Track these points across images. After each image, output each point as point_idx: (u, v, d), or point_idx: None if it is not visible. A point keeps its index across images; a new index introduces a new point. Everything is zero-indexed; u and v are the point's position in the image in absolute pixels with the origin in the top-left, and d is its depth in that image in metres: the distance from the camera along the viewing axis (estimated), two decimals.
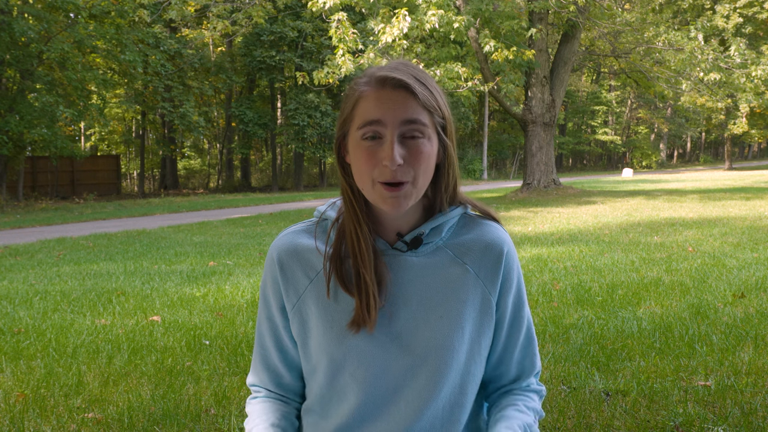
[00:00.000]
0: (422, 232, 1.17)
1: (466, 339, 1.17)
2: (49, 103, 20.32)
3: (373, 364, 1.16)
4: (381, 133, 1.08)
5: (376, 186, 1.10)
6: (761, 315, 4.90)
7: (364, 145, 1.09)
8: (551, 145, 19.97)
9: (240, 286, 6.57)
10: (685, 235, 9.67)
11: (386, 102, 1.08)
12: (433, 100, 1.12)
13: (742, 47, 18.11)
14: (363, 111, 1.10)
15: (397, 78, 1.09)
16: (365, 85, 1.12)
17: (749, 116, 37.26)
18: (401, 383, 1.16)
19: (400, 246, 1.18)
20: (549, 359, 4.00)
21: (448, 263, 1.18)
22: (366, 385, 1.16)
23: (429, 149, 1.11)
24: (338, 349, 1.16)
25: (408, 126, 1.08)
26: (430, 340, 1.15)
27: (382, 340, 1.15)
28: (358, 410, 1.17)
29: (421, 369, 1.15)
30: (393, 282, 1.16)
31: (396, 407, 1.16)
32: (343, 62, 13.55)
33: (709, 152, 66.83)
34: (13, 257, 9.37)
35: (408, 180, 1.09)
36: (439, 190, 1.18)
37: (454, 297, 1.16)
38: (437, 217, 1.18)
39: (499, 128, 45.33)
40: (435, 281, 1.17)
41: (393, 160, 1.06)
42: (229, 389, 3.58)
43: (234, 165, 36.32)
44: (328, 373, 1.18)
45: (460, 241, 1.20)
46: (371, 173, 1.09)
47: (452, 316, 1.15)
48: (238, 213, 17.21)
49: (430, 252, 1.18)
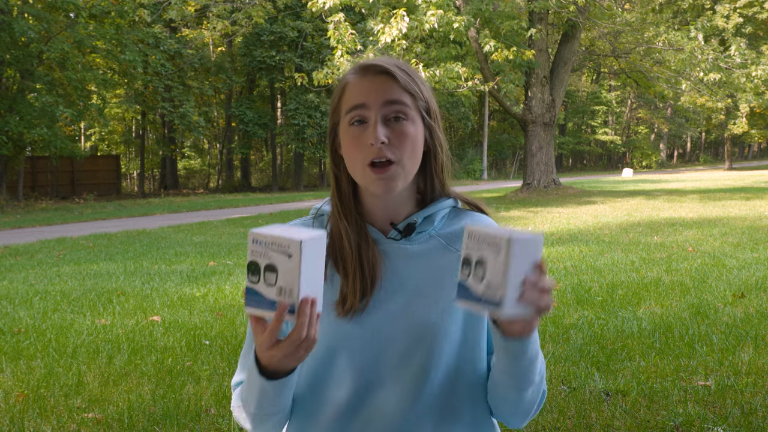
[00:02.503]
0: (415, 220, 1.22)
1: (460, 323, 1.19)
2: (49, 103, 20.31)
3: (368, 349, 1.17)
4: (366, 117, 1.14)
5: (365, 170, 1.14)
6: (761, 315, 4.90)
7: (351, 131, 1.15)
8: (551, 145, 19.97)
9: (240, 286, 6.57)
10: (685, 235, 9.67)
11: (368, 86, 1.14)
12: (415, 85, 1.17)
13: (742, 47, 18.11)
14: (348, 97, 1.16)
15: (379, 64, 1.16)
16: (351, 74, 1.18)
17: (749, 116, 37.23)
18: (396, 367, 1.17)
19: (394, 235, 1.22)
20: (549, 359, 3.99)
21: (441, 251, 1.22)
22: (361, 369, 1.17)
23: (413, 130, 1.15)
24: (334, 334, 1.18)
25: (390, 107, 1.14)
26: (424, 324, 1.17)
27: (377, 325, 1.17)
28: (353, 395, 1.18)
29: (415, 353, 1.17)
30: (388, 269, 1.20)
31: (391, 391, 1.17)
32: (342, 63, 13.55)
33: (709, 152, 66.83)
34: (13, 257, 9.37)
35: (394, 160, 1.13)
36: (429, 177, 1.23)
37: (447, 281, 1.18)
38: (429, 207, 1.23)
39: (499, 128, 45.32)
40: (429, 268, 1.20)
41: (377, 138, 1.11)
42: (229, 389, 3.58)
43: (234, 165, 36.32)
44: (323, 358, 1.19)
45: (451, 230, 1.24)
46: (359, 157, 1.14)
47: (445, 300, 1.18)
48: (238, 213, 17.21)
49: (424, 241, 1.22)
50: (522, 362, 1.10)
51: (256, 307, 0.98)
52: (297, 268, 0.95)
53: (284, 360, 1.03)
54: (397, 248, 1.21)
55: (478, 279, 0.97)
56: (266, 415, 1.15)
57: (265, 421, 1.17)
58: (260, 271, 0.97)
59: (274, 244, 0.96)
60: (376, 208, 1.22)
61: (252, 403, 1.14)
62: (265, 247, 0.96)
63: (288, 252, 0.95)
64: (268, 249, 0.96)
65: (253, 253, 0.97)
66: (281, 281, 0.96)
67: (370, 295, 1.17)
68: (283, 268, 0.96)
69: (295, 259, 0.95)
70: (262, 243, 0.96)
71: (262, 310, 0.98)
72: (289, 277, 0.96)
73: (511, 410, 1.20)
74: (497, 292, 0.95)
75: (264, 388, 1.09)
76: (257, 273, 0.97)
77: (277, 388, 1.09)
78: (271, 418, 1.17)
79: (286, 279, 0.96)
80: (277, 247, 0.96)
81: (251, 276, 0.97)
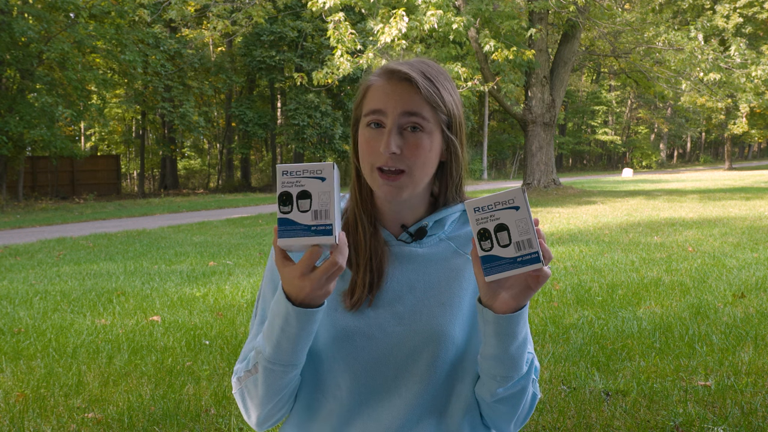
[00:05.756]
0: (426, 224, 1.22)
1: (466, 325, 1.19)
2: (49, 104, 20.29)
3: (373, 348, 1.17)
4: (383, 122, 1.14)
5: (374, 172, 1.15)
6: (761, 315, 4.90)
7: (367, 132, 1.16)
8: (551, 145, 19.97)
9: (240, 286, 6.57)
10: (685, 235, 9.66)
11: (390, 93, 1.14)
12: (439, 97, 1.15)
13: (742, 47, 18.10)
14: (370, 100, 1.17)
15: (403, 71, 1.15)
16: (376, 75, 1.19)
17: (749, 116, 37.22)
18: (402, 367, 1.17)
19: (405, 237, 1.23)
20: (549, 359, 3.99)
21: (451, 255, 1.22)
22: (365, 368, 1.17)
23: (428, 143, 1.15)
24: (340, 328, 1.17)
25: (407, 118, 1.13)
26: (432, 326, 1.17)
27: (384, 325, 1.18)
28: (355, 393, 1.18)
29: (420, 355, 1.17)
30: (398, 270, 1.20)
31: (394, 392, 1.18)
32: (341, 63, 13.55)
33: (709, 152, 66.81)
34: (13, 257, 9.37)
35: (404, 170, 1.14)
36: (444, 184, 1.24)
37: (456, 285, 1.20)
38: (440, 211, 1.23)
39: (499, 128, 45.32)
40: (438, 271, 1.21)
41: (388, 147, 1.12)
42: (229, 389, 3.58)
43: (234, 165, 36.31)
44: (327, 353, 1.19)
45: (461, 233, 1.25)
46: (370, 159, 1.15)
47: (453, 303, 1.19)
48: (238, 213, 17.21)
49: (434, 244, 1.23)
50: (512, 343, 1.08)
51: (291, 236, 0.98)
52: (331, 189, 0.98)
53: (312, 293, 1.02)
54: (407, 251, 1.22)
55: (506, 243, 0.97)
56: (281, 365, 1.09)
57: (276, 379, 1.11)
58: (293, 200, 0.98)
59: (306, 171, 0.99)
60: (387, 210, 1.23)
61: (269, 346, 1.09)
62: (295, 176, 0.99)
63: (321, 175, 0.98)
64: (300, 177, 0.99)
65: (284, 185, 0.98)
66: (315, 205, 0.98)
67: (376, 289, 1.18)
68: (316, 191, 0.98)
69: (329, 181, 0.98)
70: (293, 173, 0.99)
71: (297, 238, 0.98)
72: (323, 199, 0.98)
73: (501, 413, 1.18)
74: (533, 245, 0.96)
75: (288, 317, 1.05)
76: (289, 202, 0.98)
77: (302, 319, 1.05)
78: (282, 375, 1.11)
79: (321, 201, 0.98)
80: (309, 173, 0.98)
81: (283, 207, 0.98)
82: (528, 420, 1.26)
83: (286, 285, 1.04)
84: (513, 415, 1.18)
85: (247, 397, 1.16)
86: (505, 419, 1.19)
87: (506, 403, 1.16)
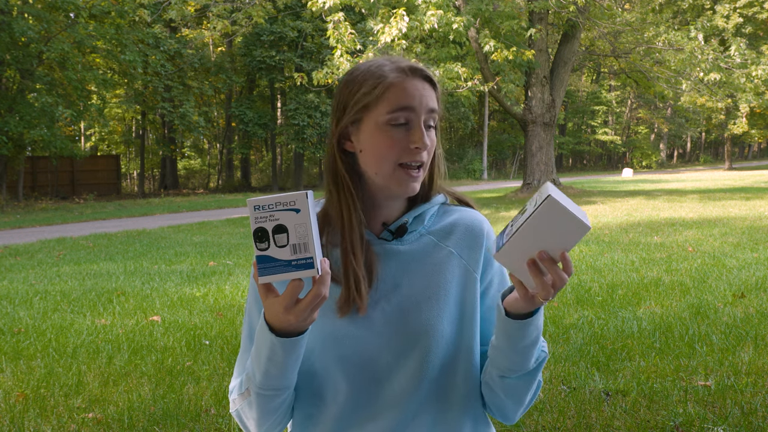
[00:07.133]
0: (406, 221, 1.23)
1: (454, 318, 1.20)
2: (49, 104, 20.30)
3: (365, 348, 1.17)
4: (410, 119, 1.16)
5: (397, 170, 1.16)
6: (761, 315, 4.90)
7: (390, 130, 1.15)
8: (551, 145, 19.97)
9: (240, 286, 6.57)
10: (685, 235, 9.66)
11: (418, 90, 1.17)
12: (440, 95, 1.23)
13: (742, 47, 18.09)
14: (394, 97, 1.15)
15: (423, 69, 1.20)
16: (394, 72, 1.17)
17: (749, 116, 37.20)
18: (394, 365, 1.18)
19: (386, 236, 1.23)
20: (549, 359, 4.00)
21: (432, 249, 1.23)
22: (358, 368, 1.18)
23: (435, 139, 1.21)
24: (330, 333, 1.17)
25: (430, 115, 1.18)
26: (420, 321, 1.18)
27: (373, 324, 1.18)
28: (352, 393, 1.18)
29: (411, 351, 1.18)
30: (382, 269, 1.20)
31: (389, 389, 1.18)
32: (341, 63, 13.54)
33: (709, 152, 66.77)
34: (13, 257, 9.37)
35: (422, 164, 1.18)
36: (432, 180, 1.26)
37: (441, 278, 1.20)
38: (419, 207, 1.25)
39: (499, 128, 45.31)
40: (421, 267, 1.22)
41: (424, 142, 1.15)
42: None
43: (234, 165, 36.31)
44: (320, 358, 1.19)
45: (441, 227, 1.26)
46: (395, 156, 1.15)
47: (440, 297, 1.19)
48: (238, 213, 17.21)
49: (415, 240, 1.24)
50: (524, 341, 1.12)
51: (271, 273, 0.96)
52: (307, 220, 0.95)
53: (297, 325, 1.02)
54: (389, 249, 1.22)
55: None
56: (272, 390, 1.11)
57: (268, 402, 1.13)
58: (269, 236, 0.95)
59: (279, 204, 0.95)
60: (368, 209, 1.23)
61: (258, 373, 1.10)
62: (268, 210, 0.95)
63: (294, 206, 0.94)
64: (273, 210, 0.95)
65: (257, 220, 0.95)
66: (293, 238, 0.95)
67: (367, 294, 1.18)
68: (292, 224, 0.95)
69: (304, 212, 0.94)
70: (265, 207, 0.95)
71: (278, 274, 0.96)
72: (300, 231, 0.95)
73: (507, 399, 1.20)
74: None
75: (274, 347, 1.05)
76: (266, 239, 0.95)
77: (288, 348, 1.05)
78: (274, 398, 1.13)
79: (298, 234, 0.95)
80: (282, 206, 0.95)
81: (260, 244, 0.95)
82: (531, 405, 1.27)
83: (269, 317, 1.03)
84: (517, 404, 1.21)
85: (244, 417, 1.19)
86: (509, 407, 1.22)
87: (509, 393, 1.19)
